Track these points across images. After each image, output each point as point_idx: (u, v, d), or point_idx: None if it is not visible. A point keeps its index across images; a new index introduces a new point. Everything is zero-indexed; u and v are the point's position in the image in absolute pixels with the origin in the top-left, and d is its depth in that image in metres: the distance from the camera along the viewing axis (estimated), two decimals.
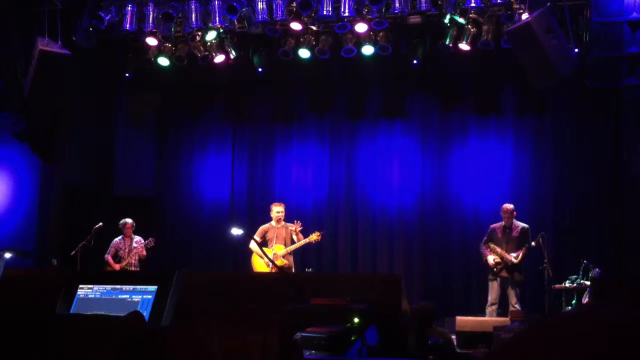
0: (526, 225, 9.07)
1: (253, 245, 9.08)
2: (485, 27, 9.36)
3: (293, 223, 9.34)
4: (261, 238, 9.12)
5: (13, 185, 10.34)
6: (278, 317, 1.41)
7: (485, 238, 9.15)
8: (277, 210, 9.25)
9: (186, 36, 10.10)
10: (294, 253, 9.36)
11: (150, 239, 10.11)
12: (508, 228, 9.06)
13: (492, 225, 9.28)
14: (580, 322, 0.98)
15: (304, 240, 9.14)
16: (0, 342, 1.62)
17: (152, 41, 10.08)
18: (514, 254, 8.86)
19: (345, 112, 11.72)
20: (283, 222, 9.25)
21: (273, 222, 9.24)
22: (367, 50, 9.85)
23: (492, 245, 8.99)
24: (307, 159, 11.76)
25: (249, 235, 8.42)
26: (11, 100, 9.62)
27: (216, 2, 9.36)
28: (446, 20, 9.37)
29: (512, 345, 1.01)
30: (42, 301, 2.76)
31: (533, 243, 8.91)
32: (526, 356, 0.97)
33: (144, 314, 2.49)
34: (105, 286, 2.72)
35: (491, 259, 8.95)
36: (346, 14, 9.20)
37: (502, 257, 8.91)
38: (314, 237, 9.13)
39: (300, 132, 11.86)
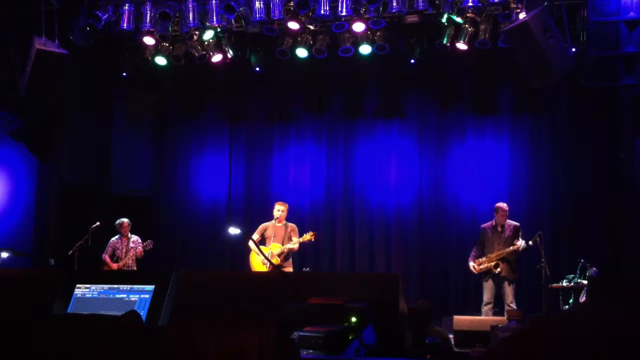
0: (517, 224, 9.09)
1: (252, 243, 9.07)
2: (482, 27, 9.36)
3: (295, 226, 9.27)
4: (260, 235, 9.12)
5: (10, 185, 10.33)
6: (275, 316, 1.41)
7: (475, 250, 9.18)
8: (278, 208, 9.22)
9: (183, 35, 10.09)
10: (292, 253, 9.29)
11: (148, 241, 10.10)
12: (500, 227, 9.09)
13: (482, 225, 9.33)
14: (579, 321, 0.98)
15: (298, 239, 9.07)
16: None
17: (149, 40, 10.07)
18: (512, 247, 8.91)
19: (343, 111, 11.73)
20: (285, 222, 9.22)
21: (274, 221, 9.22)
22: (365, 49, 9.85)
23: (481, 260, 9.03)
24: (305, 158, 11.76)
25: (246, 235, 8.40)
26: (8, 100, 9.60)
27: (213, 2, 9.34)
28: (443, 20, 9.38)
29: (510, 344, 1.01)
30: (40, 301, 2.75)
31: (530, 242, 8.93)
32: (524, 355, 0.97)
33: (141, 314, 2.49)
34: (102, 286, 2.72)
35: (474, 268, 9.05)
36: (343, 13, 9.19)
37: (499, 258, 8.93)
38: (308, 237, 9.07)
39: (297, 131, 11.86)
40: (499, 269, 8.93)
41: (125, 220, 10.04)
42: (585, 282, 8.93)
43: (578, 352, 0.93)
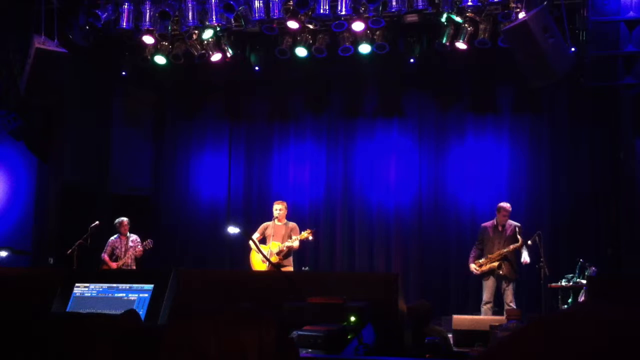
0: (518, 224, 9.09)
1: (251, 241, 9.05)
2: (482, 26, 9.36)
3: (296, 225, 9.26)
4: (261, 234, 9.11)
5: (10, 184, 10.33)
6: (274, 315, 1.41)
7: (474, 250, 9.18)
8: (276, 207, 9.20)
9: (183, 34, 10.09)
10: (293, 251, 9.27)
11: (148, 240, 10.08)
12: (501, 226, 9.09)
13: (483, 224, 9.32)
14: (578, 320, 0.97)
15: (295, 237, 9.05)
16: None
17: (148, 39, 10.07)
18: (512, 246, 8.92)
19: (342, 110, 11.73)
20: (285, 221, 9.20)
21: (274, 220, 9.21)
22: (364, 49, 9.85)
23: (482, 261, 9.03)
24: (304, 157, 11.76)
25: (245, 234, 8.39)
26: (7, 99, 9.60)
27: (213, 1, 9.34)
28: (443, 19, 9.38)
29: (509, 343, 1.01)
30: (39, 300, 2.75)
31: (529, 242, 8.94)
32: (524, 355, 0.97)
33: (141, 313, 2.49)
34: (101, 285, 2.72)
35: (475, 270, 9.05)
36: (343, 13, 9.19)
37: (500, 258, 8.94)
38: (305, 234, 9.05)
39: (297, 130, 11.86)
40: (502, 269, 8.94)
41: (125, 219, 10.03)
42: (584, 281, 8.93)
43: (577, 351, 0.93)
